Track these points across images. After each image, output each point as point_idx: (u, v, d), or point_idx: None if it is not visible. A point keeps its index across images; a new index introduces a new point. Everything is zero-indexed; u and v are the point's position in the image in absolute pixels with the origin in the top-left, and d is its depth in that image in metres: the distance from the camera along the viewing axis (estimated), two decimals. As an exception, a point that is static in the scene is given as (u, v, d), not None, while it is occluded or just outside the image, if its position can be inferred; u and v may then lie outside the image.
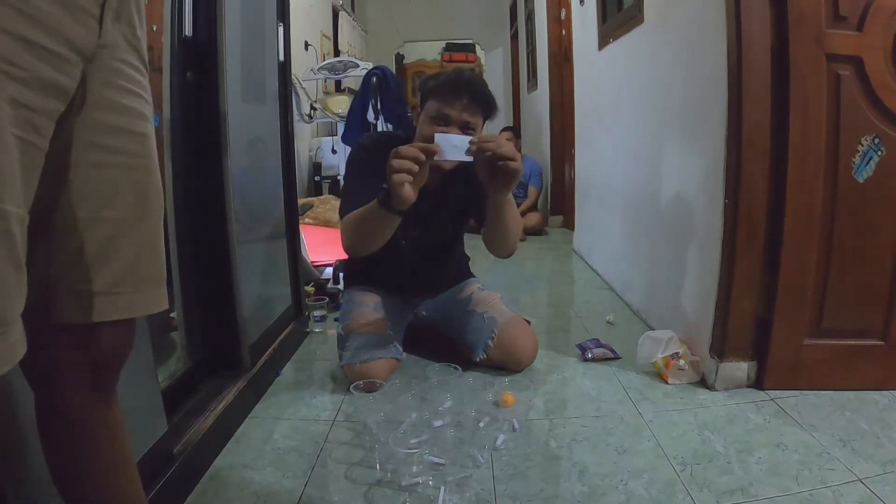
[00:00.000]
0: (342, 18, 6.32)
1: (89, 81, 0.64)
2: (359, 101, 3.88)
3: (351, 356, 1.66)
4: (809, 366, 1.57)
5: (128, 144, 0.69)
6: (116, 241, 0.68)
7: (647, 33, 2.26)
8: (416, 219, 1.60)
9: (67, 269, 0.66)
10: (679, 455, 1.30)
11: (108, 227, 0.67)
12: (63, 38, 0.58)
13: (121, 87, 0.67)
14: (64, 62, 0.59)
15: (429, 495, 1.16)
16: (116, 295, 0.68)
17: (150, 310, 0.73)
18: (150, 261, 0.72)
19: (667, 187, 2.06)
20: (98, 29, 0.63)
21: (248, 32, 1.68)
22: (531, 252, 3.92)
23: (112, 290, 0.68)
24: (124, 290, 0.69)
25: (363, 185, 1.57)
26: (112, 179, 0.67)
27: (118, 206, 0.68)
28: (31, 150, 0.56)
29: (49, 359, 0.69)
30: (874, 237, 1.50)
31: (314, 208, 3.30)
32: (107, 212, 0.67)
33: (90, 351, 0.70)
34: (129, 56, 0.69)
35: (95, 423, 0.73)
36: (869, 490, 1.14)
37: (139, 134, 0.70)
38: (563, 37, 4.50)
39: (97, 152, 0.66)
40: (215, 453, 1.33)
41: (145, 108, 0.72)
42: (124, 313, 0.70)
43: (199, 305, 1.55)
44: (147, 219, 0.72)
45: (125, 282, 0.69)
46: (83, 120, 0.64)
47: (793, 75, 1.44)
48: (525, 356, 1.77)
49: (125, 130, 0.68)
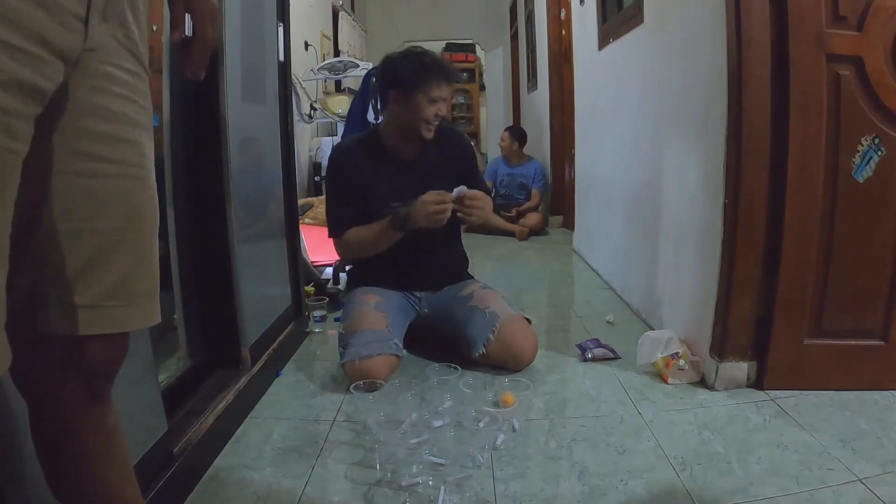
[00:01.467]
0: (342, 18, 6.32)
1: (73, 86, 0.61)
2: (359, 101, 3.87)
3: (351, 353, 1.66)
4: (809, 366, 1.57)
5: (118, 153, 0.66)
6: (106, 253, 0.66)
7: (646, 33, 2.26)
8: (407, 191, 1.80)
9: (54, 281, 0.64)
10: (679, 455, 1.30)
11: (98, 238, 0.65)
12: (39, 38, 0.55)
13: (112, 93, 0.64)
14: (40, 63, 0.56)
15: (429, 495, 1.16)
16: (105, 308, 0.66)
17: (141, 324, 0.71)
18: (142, 274, 0.70)
19: (667, 187, 2.06)
20: (84, 30, 0.60)
21: (248, 32, 1.68)
22: (531, 252, 3.92)
23: (100, 304, 0.66)
24: (114, 303, 0.67)
25: (346, 200, 1.86)
26: (101, 189, 0.64)
27: (108, 216, 0.65)
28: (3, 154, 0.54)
29: (39, 369, 0.68)
30: (874, 237, 1.50)
31: (314, 208, 3.30)
32: (96, 222, 0.64)
33: (80, 363, 0.68)
34: (122, 59, 0.65)
35: (90, 430, 0.72)
36: (869, 490, 1.14)
37: (132, 142, 0.67)
38: (563, 37, 4.50)
39: (84, 161, 0.63)
40: (215, 453, 1.33)
41: (141, 114, 0.69)
42: (113, 327, 0.68)
43: (199, 305, 1.55)
44: (139, 231, 0.69)
45: (115, 295, 0.67)
46: (67, 127, 0.62)
47: (793, 75, 1.44)
48: (524, 354, 1.77)
49: (116, 138, 0.65)
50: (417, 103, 1.77)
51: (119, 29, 0.65)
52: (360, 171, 1.86)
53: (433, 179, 1.82)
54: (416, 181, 1.82)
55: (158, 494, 1.05)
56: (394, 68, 1.80)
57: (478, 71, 9.97)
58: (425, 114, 1.78)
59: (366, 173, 1.86)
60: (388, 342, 1.70)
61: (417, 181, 1.82)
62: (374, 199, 1.85)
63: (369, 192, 1.86)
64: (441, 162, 1.91)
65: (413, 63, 1.77)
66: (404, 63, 1.78)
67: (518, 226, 4.28)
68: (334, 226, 1.88)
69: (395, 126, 1.87)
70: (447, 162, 1.92)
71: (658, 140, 2.13)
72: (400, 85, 1.78)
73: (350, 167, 1.87)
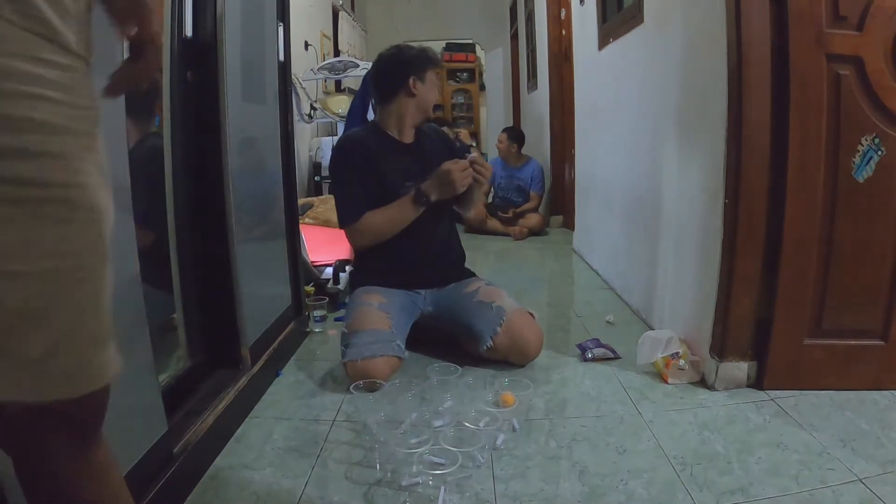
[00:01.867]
0: (342, 18, 6.32)
1: None
2: (359, 101, 3.87)
3: (352, 353, 1.66)
4: (809, 366, 1.57)
5: (31, 171, 0.50)
6: (39, 302, 0.52)
7: (647, 33, 2.26)
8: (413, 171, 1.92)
9: None
10: (679, 455, 1.30)
11: (21, 285, 0.51)
12: None
13: (10, 94, 0.49)
14: None
15: (429, 495, 1.16)
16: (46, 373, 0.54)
17: (92, 384, 0.59)
18: (89, 322, 0.57)
19: (667, 187, 2.06)
20: None
21: (248, 32, 1.68)
22: (531, 252, 3.92)
23: (42, 365, 0.54)
24: (58, 362, 0.55)
25: (358, 184, 1.88)
26: (9, 220, 0.50)
27: (30, 256, 0.51)
28: None
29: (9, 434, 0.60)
30: (874, 237, 1.50)
31: (314, 208, 3.30)
32: (12, 265, 0.50)
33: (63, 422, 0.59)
34: (27, 47, 0.50)
35: (80, 475, 0.63)
36: (869, 490, 1.14)
37: (50, 155, 0.52)
38: (563, 37, 4.50)
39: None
40: (215, 453, 1.33)
41: (66, 116, 0.53)
42: (65, 390, 0.56)
43: (199, 305, 1.55)
44: (80, 268, 0.55)
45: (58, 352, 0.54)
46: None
47: (793, 75, 1.44)
48: (531, 348, 1.78)
49: (23, 152, 0.50)
50: (432, 80, 1.96)
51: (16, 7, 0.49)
52: (370, 154, 1.92)
53: (432, 159, 1.94)
54: (418, 162, 1.95)
55: (158, 494, 1.05)
56: (407, 57, 1.94)
57: (478, 71, 9.96)
58: (432, 95, 1.97)
59: (375, 156, 1.92)
60: (391, 343, 1.70)
61: (419, 162, 1.95)
62: (386, 181, 1.89)
63: (381, 174, 1.90)
64: (431, 145, 2.04)
65: (413, 51, 1.96)
66: (409, 52, 1.95)
67: (517, 227, 4.29)
68: (348, 212, 1.88)
69: (404, 113, 1.96)
70: (435, 145, 2.06)
71: (658, 140, 2.13)
72: (420, 68, 1.93)
73: (359, 151, 1.93)
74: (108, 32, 0.63)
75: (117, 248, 1.01)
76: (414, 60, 1.93)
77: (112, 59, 0.87)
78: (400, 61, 1.93)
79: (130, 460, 1.01)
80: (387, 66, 1.96)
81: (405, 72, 1.91)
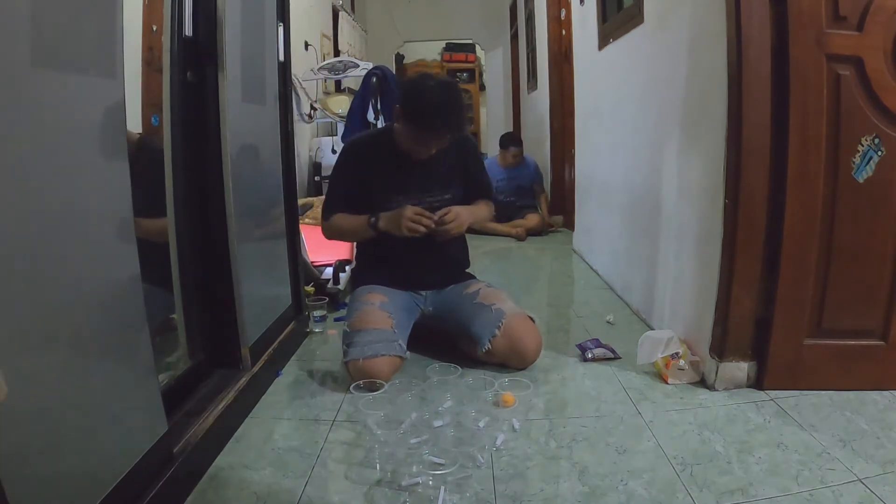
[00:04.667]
0: (342, 18, 6.32)
1: None
2: (359, 101, 3.87)
3: (354, 352, 1.66)
4: (809, 366, 1.57)
5: None
6: None
7: (647, 33, 2.26)
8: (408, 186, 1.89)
9: None
10: (679, 455, 1.30)
11: None
12: None
13: None
14: None
15: (429, 495, 1.16)
16: None
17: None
18: None
19: (667, 187, 2.06)
20: None
21: (248, 32, 1.68)
22: (531, 252, 3.92)
23: None
24: None
25: (343, 188, 1.95)
26: None
27: None
28: None
29: None
30: (874, 237, 1.50)
31: (314, 208, 3.30)
32: None
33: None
34: None
35: None
36: (869, 490, 1.14)
37: None
38: (563, 37, 4.50)
39: None
40: (215, 453, 1.33)
41: None
42: None
43: (199, 305, 1.55)
44: None
45: None
46: None
47: (793, 75, 1.44)
48: (529, 352, 1.77)
49: None
50: (416, 137, 1.80)
51: None
52: (366, 165, 1.92)
53: (434, 178, 1.91)
54: (417, 178, 1.90)
55: (158, 494, 1.05)
56: (412, 98, 1.78)
57: (478, 71, 9.97)
58: (418, 149, 1.83)
59: (371, 167, 1.91)
60: (393, 343, 1.70)
61: (419, 178, 1.90)
62: (374, 192, 1.90)
63: (370, 185, 1.90)
64: (444, 162, 1.94)
65: (429, 104, 1.73)
66: (422, 99, 1.74)
67: (516, 228, 4.28)
68: (325, 209, 1.98)
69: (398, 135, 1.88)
70: (450, 162, 1.96)
71: (658, 140, 2.13)
72: (408, 116, 1.78)
73: (357, 160, 1.94)
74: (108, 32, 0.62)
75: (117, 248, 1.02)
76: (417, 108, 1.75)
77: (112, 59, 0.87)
78: (411, 98, 1.78)
79: (130, 460, 1.01)
80: (403, 89, 1.93)
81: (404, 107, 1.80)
